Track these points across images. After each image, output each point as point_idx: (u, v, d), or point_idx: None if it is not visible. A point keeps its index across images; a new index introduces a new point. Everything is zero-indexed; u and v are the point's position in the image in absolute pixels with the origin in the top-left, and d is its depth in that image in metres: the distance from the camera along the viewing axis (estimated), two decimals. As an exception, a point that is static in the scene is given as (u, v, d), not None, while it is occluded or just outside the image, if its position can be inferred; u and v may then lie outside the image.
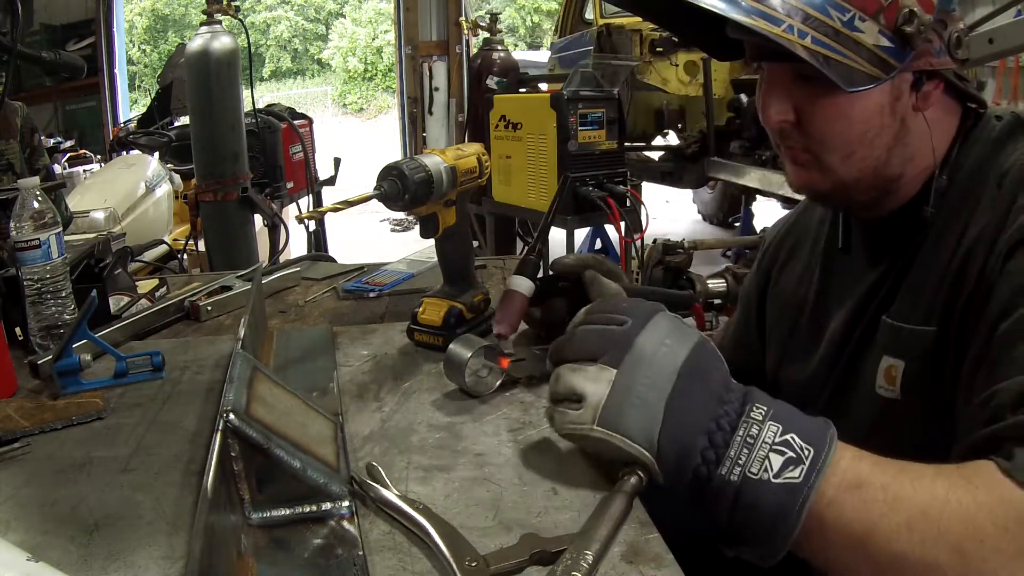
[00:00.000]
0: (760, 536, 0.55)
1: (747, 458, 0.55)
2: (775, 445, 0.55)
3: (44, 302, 0.96)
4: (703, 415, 0.57)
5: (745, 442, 0.56)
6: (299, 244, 3.37)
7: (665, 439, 0.57)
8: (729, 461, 0.55)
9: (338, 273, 1.45)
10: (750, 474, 0.55)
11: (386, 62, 17.69)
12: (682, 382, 0.59)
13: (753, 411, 0.57)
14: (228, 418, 0.57)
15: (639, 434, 0.58)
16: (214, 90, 2.58)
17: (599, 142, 2.74)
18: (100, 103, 7.22)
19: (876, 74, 0.66)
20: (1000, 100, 4.19)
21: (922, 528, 0.53)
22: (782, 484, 0.54)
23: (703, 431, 0.57)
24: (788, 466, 0.55)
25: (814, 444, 0.55)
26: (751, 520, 0.55)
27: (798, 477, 0.54)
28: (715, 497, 0.56)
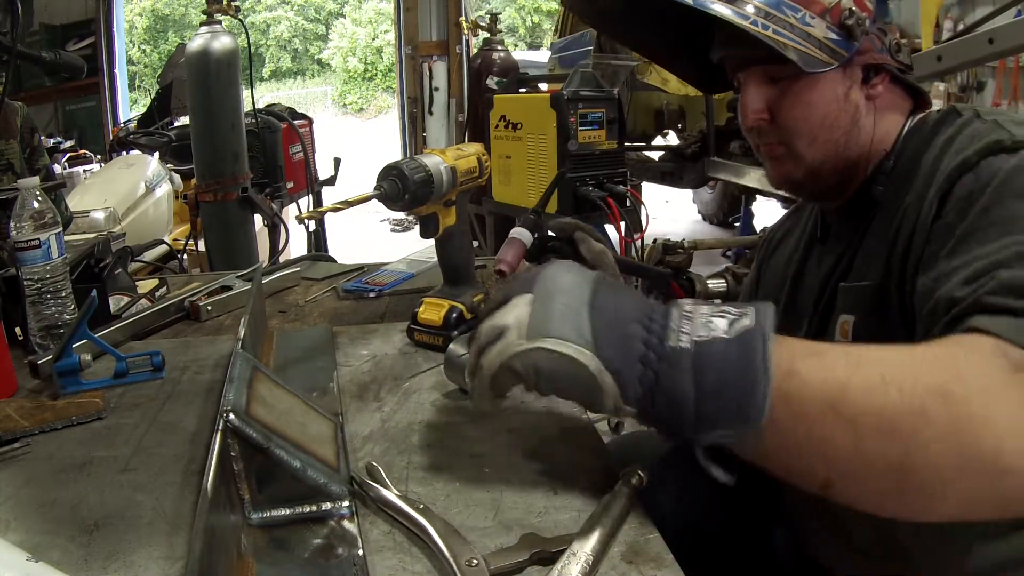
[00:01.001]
0: (732, 400, 0.51)
1: (690, 327, 0.53)
2: (714, 314, 0.54)
3: (44, 302, 0.97)
4: (628, 307, 0.56)
5: (683, 315, 0.54)
6: (299, 244, 3.37)
7: (598, 330, 0.54)
8: (674, 332, 0.53)
9: (338, 273, 1.45)
10: (699, 337, 0.52)
11: (386, 62, 17.69)
12: (598, 289, 0.57)
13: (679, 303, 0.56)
14: (228, 418, 0.57)
15: (571, 332, 0.54)
16: (214, 90, 2.58)
17: (599, 142, 2.74)
18: (100, 103, 7.22)
19: (828, 60, 0.77)
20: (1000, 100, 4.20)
21: (898, 378, 0.50)
22: (736, 335, 0.52)
23: (635, 320, 0.54)
24: (735, 322, 0.53)
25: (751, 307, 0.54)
26: (717, 384, 0.51)
27: (750, 323, 0.52)
28: (672, 377, 0.52)
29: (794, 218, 1.02)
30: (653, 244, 2.67)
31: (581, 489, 0.64)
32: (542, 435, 0.74)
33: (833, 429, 0.50)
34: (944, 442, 0.49)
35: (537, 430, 0.76)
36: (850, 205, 0.85)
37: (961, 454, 0.49)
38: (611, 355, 0.53)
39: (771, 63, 0.79)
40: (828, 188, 0.85)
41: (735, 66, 0.85)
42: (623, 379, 0.53)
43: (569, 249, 0.95)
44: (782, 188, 0.87)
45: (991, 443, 0.48)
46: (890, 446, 0.49)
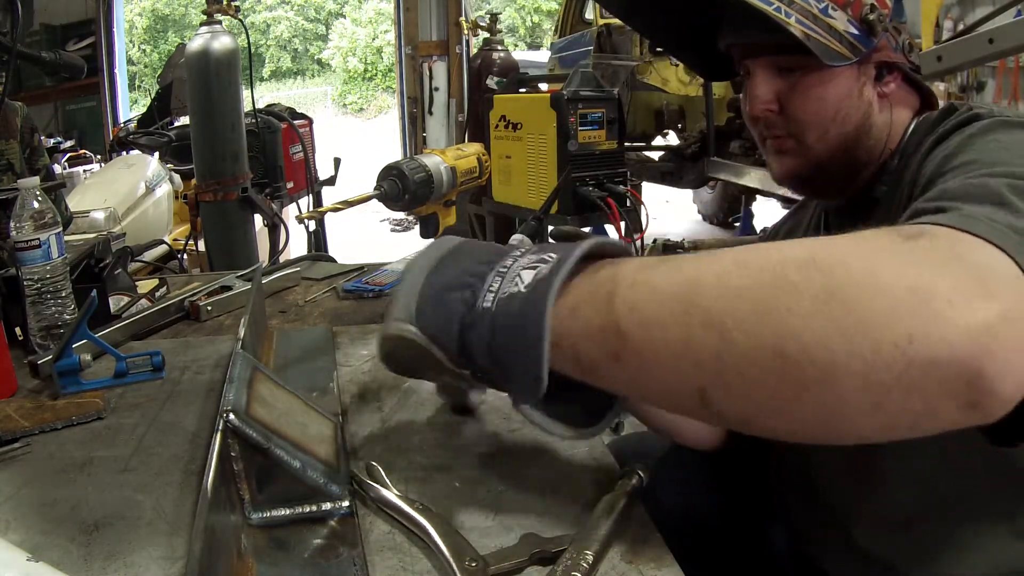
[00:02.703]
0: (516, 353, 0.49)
1: (499, 284, 0.51)
2: (528, 265, 0.51)
3: (44, 302, 0.96)
4: (463, 275, 0.54)
5: (498, 272, 0.52)
6: (299, 244, 3.36)
7: (422, 304, 0.55)
8: (483, 292, 0.52)
9: (338, 273, 1.45)
10: (502, 295, 0.50)
11: (386, 62, 17.69)
12: (443, 260, 0.57)
13: (513, 251, 0.54)
14: (228, 418, 0.57)
15: (403, 312, 0.56)
16: (214, 90, 2.58)
17: (599, 142, 2.74)
18: (100, 103, 7.22)
19: (847, 55, 0.76)
20: (1000, 100, 4.20)
21: (757, 259, 0.44)
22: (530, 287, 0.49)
23: (463, 286, 0.54)
24: (539, 273, 0.50)
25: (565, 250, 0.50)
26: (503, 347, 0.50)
27: (546, 271, 0.49)
28: (476, 340, 0.51)
29: (795, 217, 1.01)
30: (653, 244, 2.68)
31: (581, 489, 0.64)
32: (542, 435, 0.74)
33: (691, 327, 0.44)
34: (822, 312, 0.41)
35: (537, 430, 0.75)
36: (851, 204, 0.85)
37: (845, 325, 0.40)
38: (431, 324, 0.54)
39: (784, 53, 0.77)
40: (832, 185, 0.85)
41: (743, 53, 0.83)
42: (444, 345, 0.54)
43: None
44: (785, 183, 0.86)
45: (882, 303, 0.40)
46: (757, 331, 0.42)
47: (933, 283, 0.41)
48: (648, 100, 5.54)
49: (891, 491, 0.75)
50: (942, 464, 0.70)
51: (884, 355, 0.40)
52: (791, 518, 0.92)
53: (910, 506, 0.74)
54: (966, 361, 0.39)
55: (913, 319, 0.40)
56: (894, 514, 0.76)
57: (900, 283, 0.41)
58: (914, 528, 0.74)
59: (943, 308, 0.40)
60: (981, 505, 0.71)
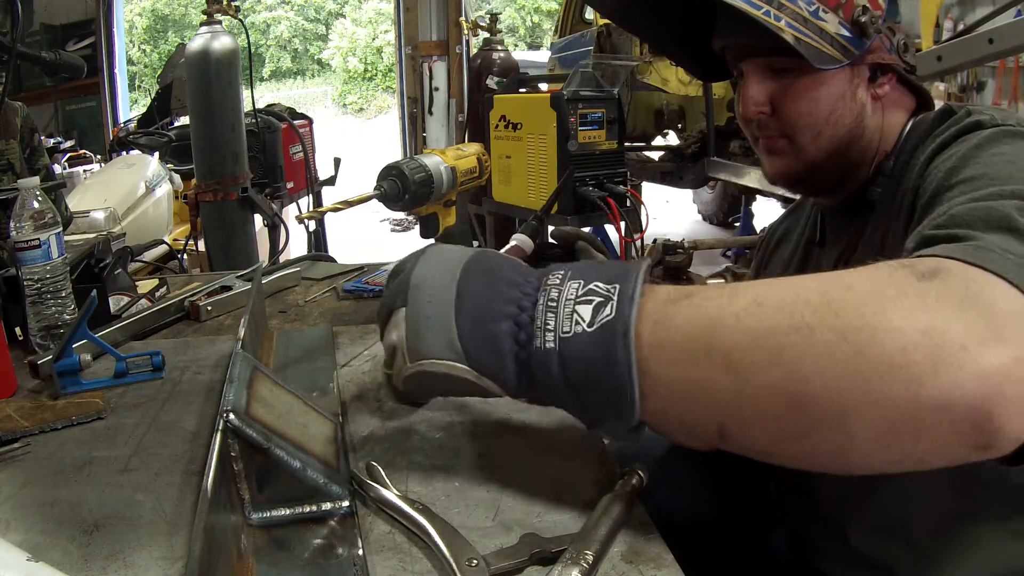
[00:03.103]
0: (604, 396, 0.50)
1: (555, 322, 0.51)
2: (580, 298, 0.51)
3: (44, 302, 0.97)
4: (497, 302, 0.54)
5: (548, 307, 0.52)
6: (299, 244, 3.37)
7: (466, 339, 0.54)
8: (539, 332, 0.51)
9: (338, 273, 1.45)
10: (563, 334, 0.50)
11: (386, 62, 17.69)
12: (464, 286, 0.56)
13: (549, 278, 0.54)
14: (228, 418, 0.57)
15: (441, 348, 0.55)
16: (214, 90, 2.58)
17: (599, 142, 2.74)
18: (100, 103, 7.23)
19: (839, 57, 0.75)
20: (1000, 100, 4.20)
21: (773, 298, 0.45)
22: (598, 327, 0.49)
23: (503, 316, 0.53)
24: (599, 310, 0.50)
25: (619, 280, 0.51)
26: (586, 381, 0.50)
27: (611, 313, 0.49)
28: (546, 378, 0.51)
29: (793, 217, 1.01)
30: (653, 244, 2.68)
31: (581, 489, 0.64)
32: (542, 435, 0.74)
33: (710, 368, 0.46)
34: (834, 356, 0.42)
35: (537, 430, 0.76)
36: (847, 206, 0.85)
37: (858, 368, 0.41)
38: (485, 361, 0.54)
39: (776, 55, 0.77)
40: (826, 185, 0.85)
41: (737, 55, 0.83)
42: (502, 380, 0.54)
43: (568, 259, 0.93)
44: (777, 183, 0.86)
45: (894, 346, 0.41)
46: (772, 372, 0.43)
47: (946, 327, 0.41)
48: (648, 100, 5.55)
49: (888, 494, 0.75)
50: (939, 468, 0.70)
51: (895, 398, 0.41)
52: (790, 520, 0.92)
53: (907, 509, 0.74)
54: (977, 405, 0.40)
55: (925, 363, 0.41)
56: (891, 517, 0.76)
57: (913, 326, 0.42)
58: (911, 531, 0.74)
59: (955, 352, 0.41)
60: (977, 508, 0.71)
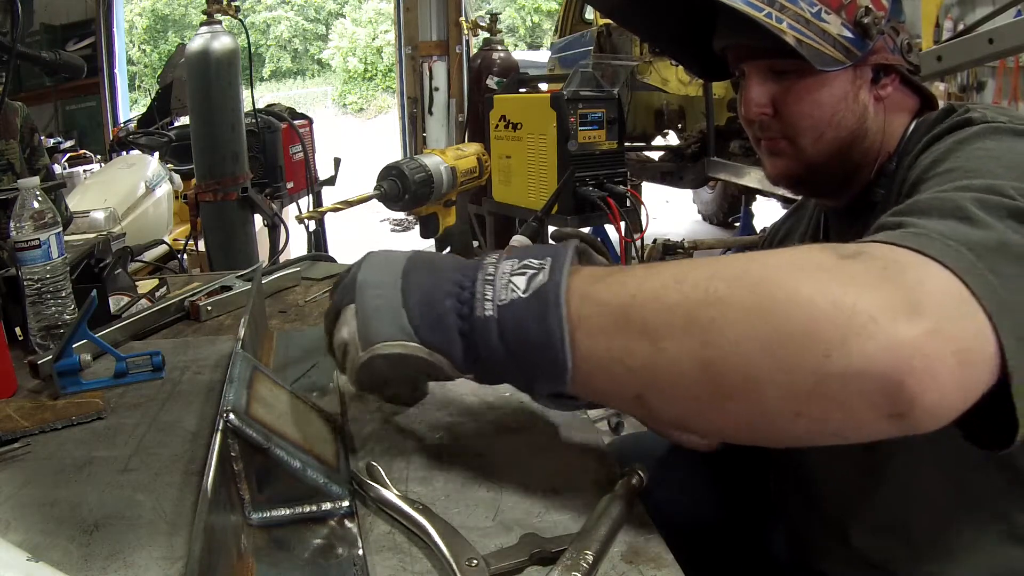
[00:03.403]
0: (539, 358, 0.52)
1: (492, 292, 0.54)
2: (515, 271, 0.54)
3: (44, 302, 0.97)
4: (442, 285, 0.57)
5: (485, 280, 0.55)
6: (299, 244, 3.36)
7: (415, 318, 0.57)
8: (479, 302, 0.54)
9: (338, 273, 1.45)
10: (500, 302, 0.53)
11: (386, 62, 17.70)
12: (409, 277, 0.59)
13: (486, 260, 0.57)
14: (228, 418, 0.57)
15: (390, 330, 0.58)
16: (214, 90, 2.58)
17: (599, 142, 2.74)
18: (100, 103, 7.23)
19: (841, 59, 0.75)
20: (1000, 100, 4.20)
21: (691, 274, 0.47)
22: (531, 293, 0.52)
23: (447, 295, 0.57)
24: (532, 279, 0.53)
25: (550, 255, 0.54)
26: (522, 345, 0.53)
27: (543, 279, 0.52)
28: (487, 346, 0.54)
29: (795, 217, 1.01)
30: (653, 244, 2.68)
31: (581, 489, 0.64)
32: (542, 435, 0.74)
33: (627, 338, 0.48)
34: (744, 325, 0.43)
35: (537, 430, 0.76)
36: (850, 207, 0.84)
37: (767, 337, 0.43)
38: (433, 338, 0.57)
39: (777, 56, 0.77)
40: (828, 186, 0.84)
41: (738, 56, 0.83)
42: (451, 355, 0.57)
43: None
44: (779, 184, 0.85)
45: (803, 316, 0.42)
46: (686, 342, 0.45)
47: (858, 300, 0.42)
48: (648, 100, 5.54)
49: (888, 495, 0.75)
50: (938, 468, 0.70)
51: (803, 367, 0.42)
52: (789, 520, 0.92)
53: (907, 509, 0.74)
54: (886, 374, 0.41)
55: (833, 333, 0.42)
56: (891, 517, 0.76)
57: (823, 299, 0.43)
58: (911, 531, 0.74)
59: (864, 323, 0.42)
60: (977, 508, 0.71)
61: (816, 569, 0.86)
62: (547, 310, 0.51)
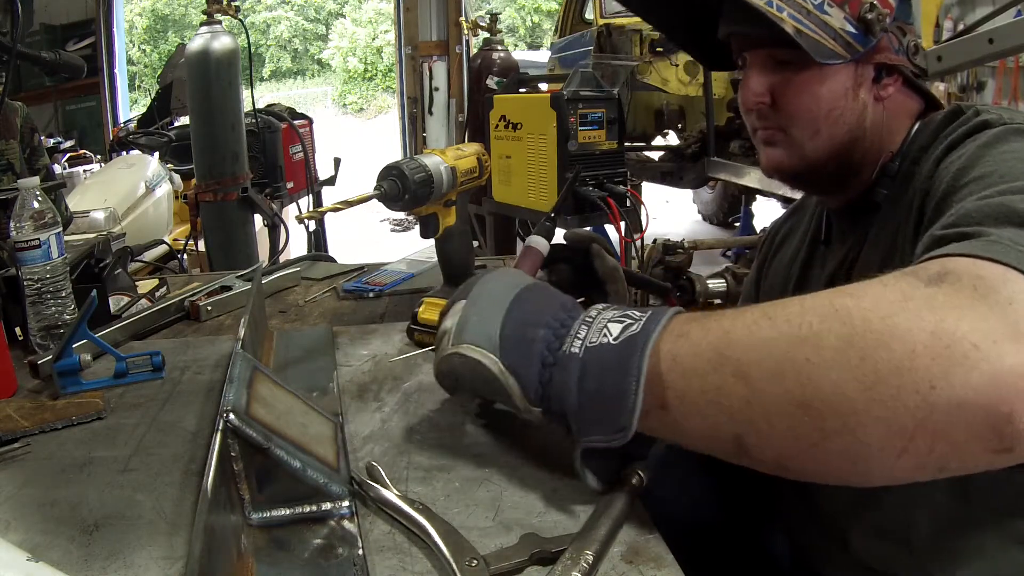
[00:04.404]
0: (608, 399, 0.51)
1: (586, 332, 0.55)
2: (614, 318, 0.55)
3: (44, 302, 0.97)
4: (544, 314, 0.59)
5: (584, 322, 0.56)
6: (299, 244, 3.37)
7: (505, 336, 0.59)
8: (570, 338, 0.55)
9: (338, 273, 1.45)
10: (590, 344, 0.54)
11: (386, 62, 17.69)
12: (521, 296, 0.61)
13: (594, 308, 0.58)
14: (228, 418, 0.57)
15: (480, 338, 0.60)
16: (214, 90, 2.58)
17: (599, 142, 2.74)
18: (100, 103, 7.23)
19: (842, 53, 0.74)
20: (1000, 100, 4.20)
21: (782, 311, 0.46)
22: (622, 340, 0.52)
23: (544, 325, 0.58)
24: (627, 328, 0.53)
25: (654, 311, 0.54)
26: (597, 385, 0.52)
27: (636, 329, 0.52)
28: (562, 381, 0.55)
29: (796, 216, 1.00)
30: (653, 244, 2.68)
31: (581, 489, 0.64)
32: (542, 435, 0.74)
33: (723, 377, 0.47)
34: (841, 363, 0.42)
35: (537, 430, 0.75)
36: (853, 206, 0.84)
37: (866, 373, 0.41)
38: (513, 358, 0.58)
39: (779, 46, 0.76)
40: (825, 184, 0.84)
41: (741, 45, 0.82)
42: (523, 380, 0.58)
43: (581, 261, 0.93)
44: (773, 176, 0.85)
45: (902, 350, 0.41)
46: (782, 382, 0.44)
47: (956, 327, 0.41)
48: (648, 100, 5.54)
49: (889, 499, 0.75)
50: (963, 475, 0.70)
51: (905, 402, 0.41)
52: (790, 523, 0.92)
53: (908, 514, 0.74)
54: (994, 406, 0.40)
55: (934, 365, 0.40)
56: (892, 522, 0.75)
57: (920, 329, 0.41)
58: (912, 536, 0.74)
59: (967, 352, 0.40)
60: (979, 513, 0.70)
61: (817, 573, 0.86)
62: (632, 353, 0.51)
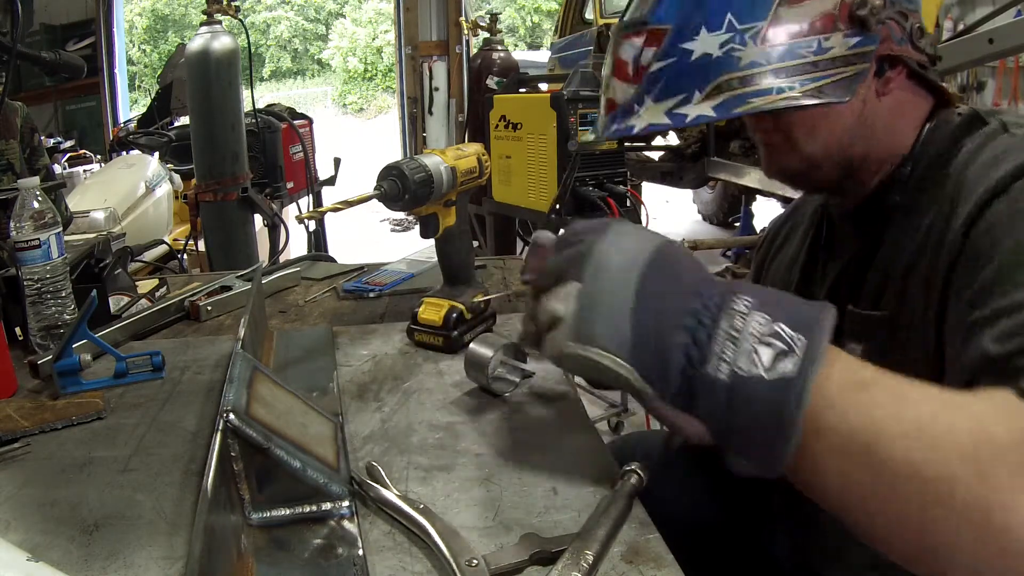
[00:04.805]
0: (759, 441, 0.51)
1: (734, 353, 0.51)
2: (763, 337, 0.51)
3: (44, 302, 0.97)
4: (678, 310, 0.54)
5: (730, 336, 0.52)
6: (299, 244, 3.37)
7: (638, 340, 0.54)
8: (715, 358, 0.51)
9: (338, 273, 1.45)
10: (739, 370, 0.51)
11: (386, 62, 17.70)
12: (648, 282, 0.55)
13: (735, 302, 0.53)
14: (228, 418, 0.57)
15: (611, 342, 0.55)
16: (214, 90, 2.58)
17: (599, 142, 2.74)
18: (100, 103, 7.22)
19: (859, 69, 0.68)
20: (1000, 100, 4.19)
21: (933, 432, 0.48)
22: (776, 379, 0.50)
23: (680, 326, 0.53)
24: (780, 358, 0.50)
25: (805, 332, 0.51)
26: (747, 422, 0.51)
27: (792, 370, 0.50)
28: (708, 400, 0.52)
29: (795, 216, 0.98)
30: (653, 244, 2.68)
31: (581, 489, 0.64)
32: (542, 435, 0.74)
33: (861, 471, 0.49)
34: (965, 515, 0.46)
35: (537, 430, 0.76)
36: (860, 211, 0.80)
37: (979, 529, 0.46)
38: (650, 366, 0.54)
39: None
40: (827, 183, 0.81)
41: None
42: (661, 388, 0.55)
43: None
44: (775, 178, 0.83)
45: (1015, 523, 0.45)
46: (912, 502, 0.48)
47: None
48: (648, 100, 5.53)
49: None
50: None
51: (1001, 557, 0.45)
52: (790, 524, 0.92)
53: None
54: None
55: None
56: None
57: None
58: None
59: None
60: None
61: (817, 573, 0.85)
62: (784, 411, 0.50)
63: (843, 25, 0.68)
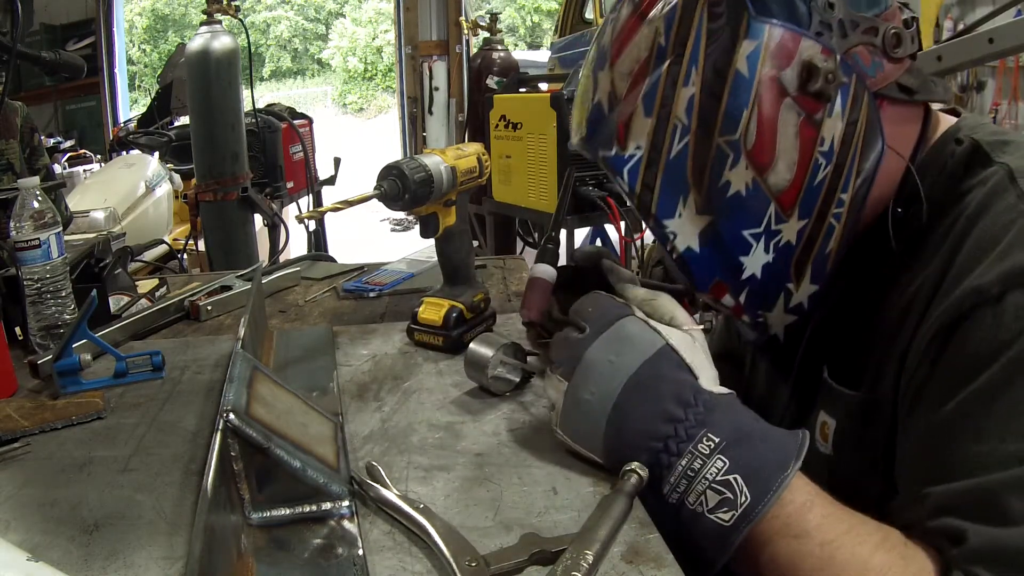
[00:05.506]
0: (695, 553, 0.58)
1: (685, 488, 0.59)
2: (714, 483, 0.58)
3: (44, 302, 0.97)
4: (647, 433, 0.61)
5: (686, 475, 0.59)
6: (299, 244, 3.37)
7: (609, 448, 0.63)
8: (668, 486, 0.60)
9: (338, 273, 1.45)
10: (687, 503, 0.59)
11: (386, 62, 17.69)
12: (625, 396, 0.62)
13: (703, 442, 0.59)
14: (228, 418, 0.57)
15: (586, 442, 0.65)
16: (214, 90, 2.58)
17: (599, 142, 2.74)
18: (100, 103, 7.23)
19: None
20: (1000, 100, 4.20)
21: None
22: (713, 524, 0.57)
23: (646, 449, 0.61)
24: (722, 507, 0.57)
25: (755, 490, 0.57)
26: (688, 534, 0.59)
27: (728, 521, 0.57)
28: (660, 505, 0.61)
29: None
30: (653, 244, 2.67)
31: (581, 489, 0.64)
32: (542, 435, 0.74)
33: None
34: None
35: (537, 430, 0.76)
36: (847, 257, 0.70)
37: None
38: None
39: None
40: None
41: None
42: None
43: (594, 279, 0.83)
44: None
45: None
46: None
47: None
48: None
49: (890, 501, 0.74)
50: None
51: None
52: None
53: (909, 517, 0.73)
54: None
55: None
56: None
57: None
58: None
59: None
60: None
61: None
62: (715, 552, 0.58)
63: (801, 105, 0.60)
